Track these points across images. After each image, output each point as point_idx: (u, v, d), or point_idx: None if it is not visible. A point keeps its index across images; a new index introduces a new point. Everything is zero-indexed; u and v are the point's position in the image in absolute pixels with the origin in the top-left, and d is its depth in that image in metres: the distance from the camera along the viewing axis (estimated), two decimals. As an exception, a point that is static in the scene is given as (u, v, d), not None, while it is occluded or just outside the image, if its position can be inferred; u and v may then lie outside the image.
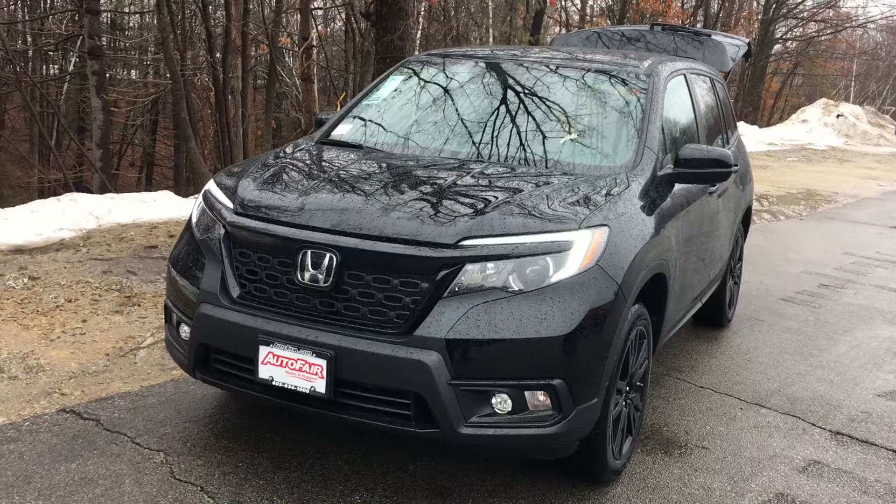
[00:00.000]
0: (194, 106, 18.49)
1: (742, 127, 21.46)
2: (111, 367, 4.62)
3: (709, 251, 4.98)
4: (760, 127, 29.28)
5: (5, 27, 17.40)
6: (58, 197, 8.10)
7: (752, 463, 4.05)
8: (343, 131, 4.56)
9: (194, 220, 3.78)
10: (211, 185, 3.85)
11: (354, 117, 4.68)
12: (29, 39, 21.71)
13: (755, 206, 10.50)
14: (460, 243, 3.14)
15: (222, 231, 3.51)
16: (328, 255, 3.19)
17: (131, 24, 27.74)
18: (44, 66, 25.27)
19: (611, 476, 3.69)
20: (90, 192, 12.24)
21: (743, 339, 5.98)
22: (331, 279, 3.18)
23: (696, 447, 4.17)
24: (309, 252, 3.22)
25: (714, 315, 6.02)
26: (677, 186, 4.18)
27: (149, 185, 24.59)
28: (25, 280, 5.88)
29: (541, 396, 3.14)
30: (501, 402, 3.12)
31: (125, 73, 26.35)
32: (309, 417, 3.91)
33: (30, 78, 18.66)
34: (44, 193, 18.47)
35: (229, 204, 3.59)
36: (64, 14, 21.63)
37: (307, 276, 3.21)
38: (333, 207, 3.36)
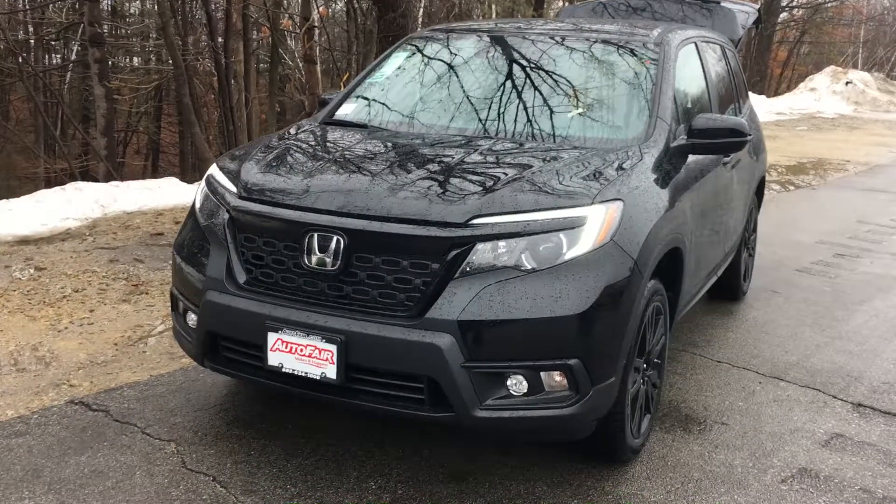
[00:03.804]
0: (197, 91, 18.41)
1: (750, 97, 21.20)
2: (120, 356, 4.57)
3: (723, 223, 4.88)
4: (768, 96, 28.99)
5: (6, 17, 17.30)
6: (63, 186, 8.02)
7: (773, 438, 3.97)
8: (347, 111, 4.46)
9: (198, 205, 3.70)
10: (214, 170, 3.77)
11: (358, 97, 4.58)
12: (30, 29, 21.60)
13: (766, 176, 10.36)
14: (471, 222, 3.06)
15: (226, 216, 3.43)
16: (335, 238, 3.11)
17: (132, 11, 27.62)
18: (46, 56, 25.18)
19: (630, 455, 3.62)
20: (96, 180, 12.17)
21: (759, 312, 5.89)
22: (339, 262, 3.10)
23: (715, 423, 4.10)
24: (315, 235, 3.15)
25: (729, 288, 5.92)
26: (691, 158, 4.08)
27: (155, 172, 24.55)
28: (32, 271, 5.83)
29: (557, 377, 3.07)
30: (517, 384, 3.04)
31: (127, 60, 26.27)
32: (321, 404, 3.85)
33: (32, 68, 18.57)
34: (49, 183, 18.42)
35: (233, 188, 3.51)
36: (64, 2, 21.49)
37: (314, 259, 3.14)
38: (339, 189, 3.28)
